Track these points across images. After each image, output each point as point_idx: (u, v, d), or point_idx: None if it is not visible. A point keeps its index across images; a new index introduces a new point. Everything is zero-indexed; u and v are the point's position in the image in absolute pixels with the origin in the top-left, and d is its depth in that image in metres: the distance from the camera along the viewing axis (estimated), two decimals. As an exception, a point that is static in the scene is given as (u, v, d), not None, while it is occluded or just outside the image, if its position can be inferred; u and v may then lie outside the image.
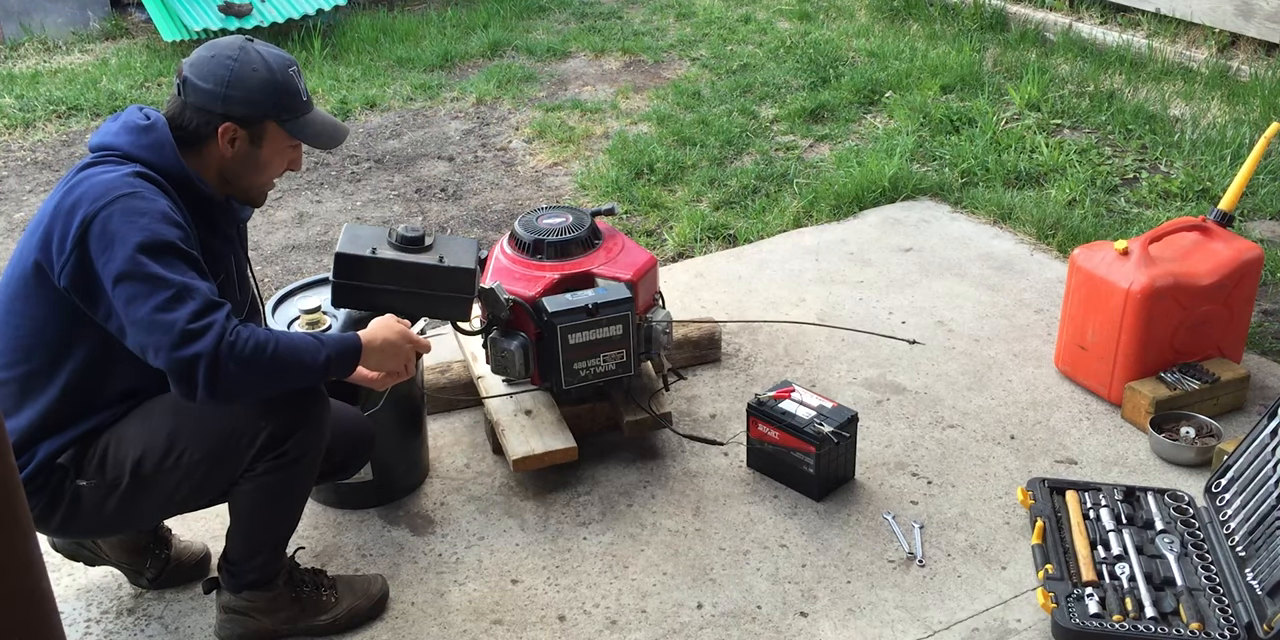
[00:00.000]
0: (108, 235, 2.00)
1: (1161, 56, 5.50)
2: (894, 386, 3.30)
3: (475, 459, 3.04)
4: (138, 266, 1.99)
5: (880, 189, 4.39)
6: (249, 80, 2.17)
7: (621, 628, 2.49)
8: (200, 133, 2.18)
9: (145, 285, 1.98)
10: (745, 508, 2.84)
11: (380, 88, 5.81)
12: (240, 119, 2.18)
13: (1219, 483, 2.70)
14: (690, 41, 6.45)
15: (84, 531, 2.37)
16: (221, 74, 2.16)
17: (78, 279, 2.03)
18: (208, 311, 2.00)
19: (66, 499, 2.17)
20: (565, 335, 2.76)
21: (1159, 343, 3.05)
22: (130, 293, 1.99)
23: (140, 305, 1.98)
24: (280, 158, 2.28)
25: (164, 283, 1.99)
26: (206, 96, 2.16)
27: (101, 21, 6.88)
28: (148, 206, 2.05)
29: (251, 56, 2.19)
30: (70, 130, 5.43)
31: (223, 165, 2.22)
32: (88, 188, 2.07)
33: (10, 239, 4.42)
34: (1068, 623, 2.38)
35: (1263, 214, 4.21)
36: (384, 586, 2.55)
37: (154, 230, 2.02)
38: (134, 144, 2.15)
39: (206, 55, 2.19)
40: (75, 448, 2.16)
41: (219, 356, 1.97)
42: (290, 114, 2.23)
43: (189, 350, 1.96)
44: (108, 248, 2.00)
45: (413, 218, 4.51)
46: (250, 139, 2.21)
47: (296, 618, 2.42)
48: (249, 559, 2.34)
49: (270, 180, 2.32)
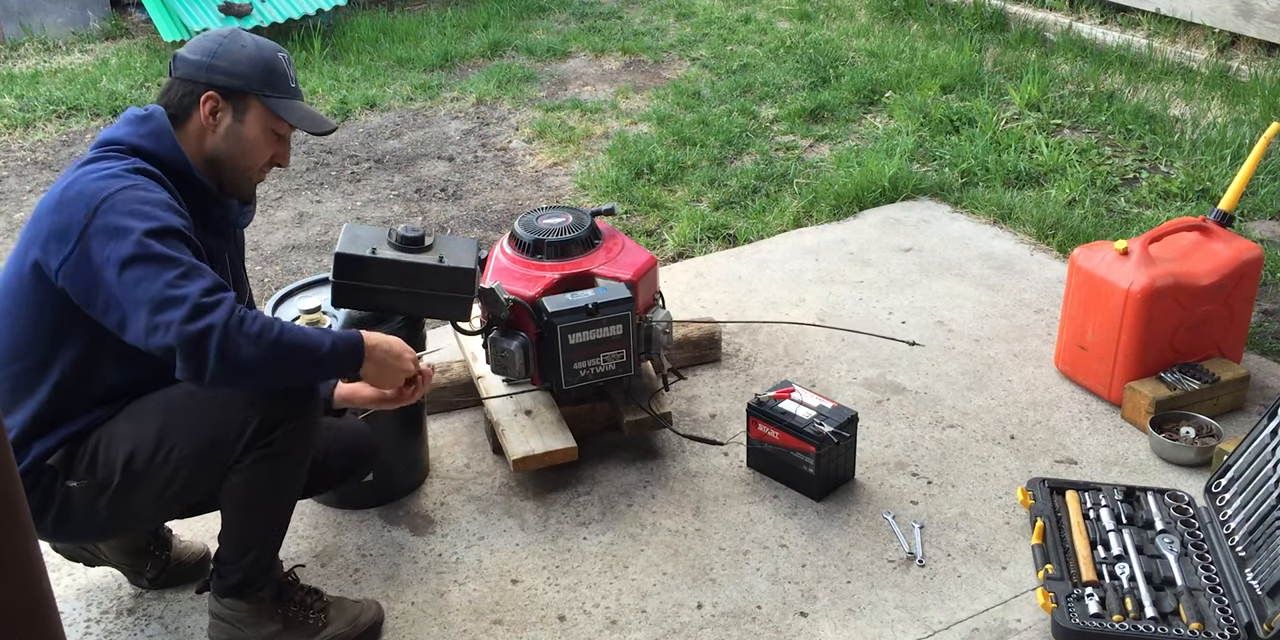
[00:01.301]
0: (112, 224, 2.01)
1: (1161, 56, 5.50)
2: (894, 386, 3.30)
3: (475, 459, 3.04)
4: (146, 248, 2.00)
5: (880, 189, 4.40)
6: (235, 53, 2.22)
7: (621, 628, 2.49)
8: (184, 103, 2.22)
9: (155, 265, 1.99)
10: (745, 508, 2.84)
11: (380, 88, 5.81)
12: (223, 88, 2.21)
13: (1219, 483, 2.70)
14: (690, 41, 6.45)
15: (76, 535, 2.36)
16: (209, 46, 2.23)
17: (79, 272, 2.03)
18: (218, 289, 2.03)
19: (57, 501, 2.15)
20: (565, 335, 2.76)
21: (1159, 343, 3.05)
22: (140, 274, 1.99)
23: (151, 283, 1.98)
24: (264, 140, 2.28)
25: (174, 262, 2.01)
26: (192, 66, 2.22)
27: (101, 21, 6.88)
28: (150, 196, 2.07)
29: (242, 36, 2.27)
30: (70, 130, 5.43)
31: (209, 145, 2.23)
32: (87, 183, 2.07)
33: (10, 239, 4.42)
34: (1068, 623, 2.38)
35: (1263, 214, 4.21)
36: (376, 615, 2.50)
37: (159, 217, 2.04)
38: (133, 133, 2.17)
39: (199, 36, 2.27)
40: (65, 448, 2.16)
41: (229, 330, 1.97)
42: (274, 91, 2.26)
43: (201, 322, 1.96)
44: (113, 236, 2.00)
45: (413, 218, 4.51)
46: (233, 112, 2.23)
47: (279, 635, 2.39)
48: (238, 559, 2.33)
49: (255, 166, 2.30)
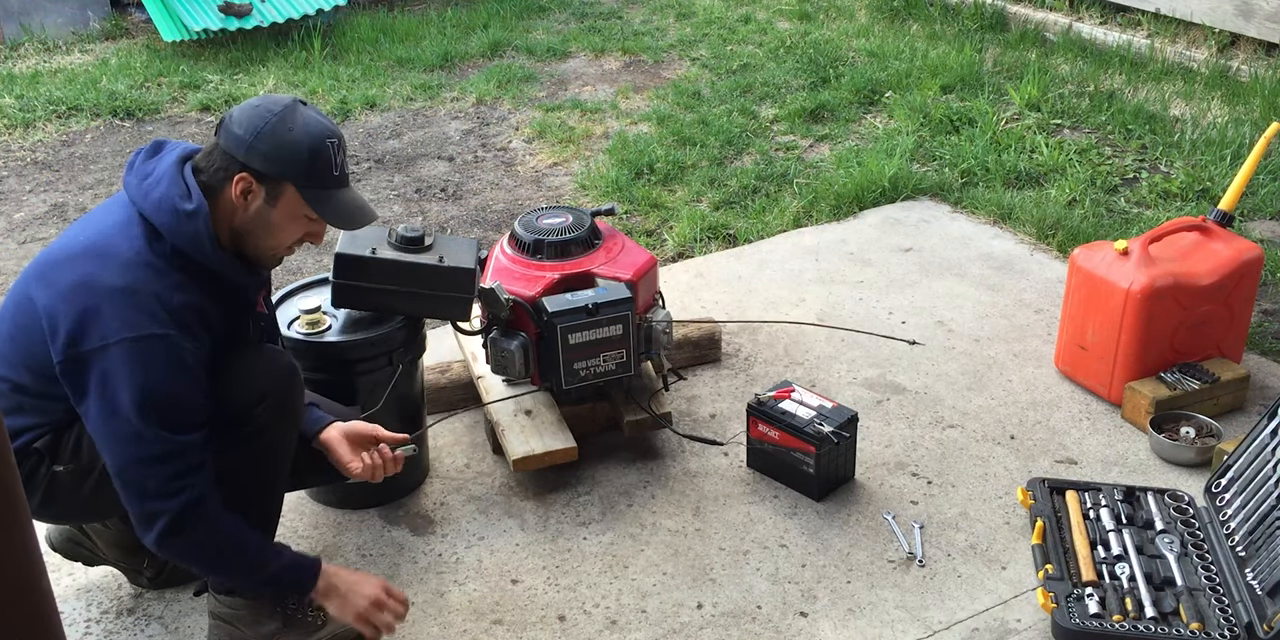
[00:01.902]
0: (111, 375, 2.01)
1: (1161, 56, 5.50)
2: (894, 386, 3.30)
3: (475, 459, 3.04)
4: (129, 420, 2.02)
5: (880, 189, 4.39)
6: (281, 137, 2.11)
7: (621, 628, 2.49)
8: (220, 177, 2.13)
9: (135, 437, 2.03)
10: (745, 508, 2.84)
11: (380, 88, 5.81)
12: (258, 173, 2.12)
13: (1219, 483, 2.70)
14: (690, 41, 6.45)
15: (60, 516, 2.37)
16: (256, 123, 2.12)
17: (69, 379, 2.06)
18: (188, 473, 2.06)
19: (42, 485, 2.17)
20: (565, 335, 2.76)
21: (1159, 343, 3.05)
22: (118, 434, 2.03)
23: (125, 449, 2.04)
24: (294, 225, 2.21)
25: (154, 439, 2.03)
26: (234, 142, 2.12)
27: (101, 21, 6.88)
28: (166, 355, 2.04)
29: (294, 116, 2.14)
30: (70, 130, 5.43)
31: (237, 221, 2.17)
32: (118, 300, 2.02)
33: (10, 239, 4.42)
34: (1068, 623, 2.38)
35: (1263, 214, 4.21)
36: None
37: (161, 385, 2.03)
38: (173, 230, 2.09)
39: (254, 103, 2.16)
40: (51, 434, 2.17)
41: (181, 524, 2.07)
42: (313, 182, 2.17)
43: (158, 507, 2.06)
44: (109, 383, 2.01)
45: (413, 218, 4.51)
46: (266, 196, 2.15)
47: (278, 634, 2.39)
48: None
49: (282, 246, 2.25)
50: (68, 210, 4.63)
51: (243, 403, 2.16)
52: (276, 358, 2.28)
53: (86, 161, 5.08)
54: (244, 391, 2.17)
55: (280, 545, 2.26)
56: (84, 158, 5.11)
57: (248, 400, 2.17)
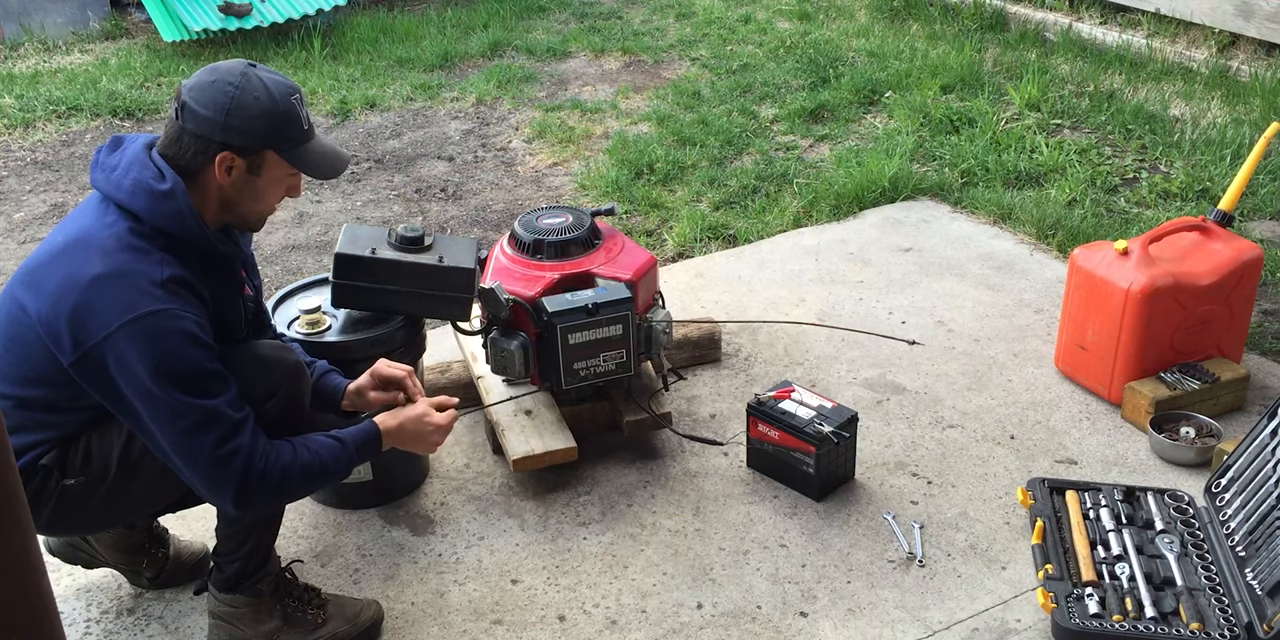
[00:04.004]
0: (124, 360, 2.00)
1: (1161, 56, 5.50)
2: (894, 386, 3.30)
3: (475, 459, 3.04)
4: (157, 396, 2.01)
5: (880, 189, 4.39)
6: (250, 108, 2.10)
7: (621, 628, 2.49)
8: (197, 160, 2.12)
9: (168, 410, 2.02)
10: (745, 508, 2.84)
11: (380, 88, 5.81)
12: (239, 148, 2.12)
13: (1219, 483, 2.70)
14: (690, 41, 6.45)
15: (73, 528, 2.37)
16: (221, 101, 2.09)
17: (91, 377, 2.05)
18: (232, 435, 2.06)
19: (53, 499, 2.15)
20: (565, 335, 2.76)
21: (1159, 343, 3.05)
22: (153, 415, 2.03)
23: (165, 426, 2.04)
24: (278, 186, 2.22)
25: (186, 408, 2.02)
26: (205, 124, 2.10)
27: (101, 21, 6.88)
28: (169, 327, 2.03)
29: (253, 83, 2.11)
30: (70, 130, 5.43)
31: (221, 194, 2.17)
32: (109, 288, 2.02)
33: (10, 239, 4.42)
34: (1068, 623, 2.38)
35: (1263, 214, 4.21)
36: (376, 614, 2.50)
37: (174, 356, 2.02)
38: (152, 211, 2.08)
39: (207, 80, 2.12)
40: (56, 449, 2.15)
41: (248, 484, 2.07)
42: (290, 143, 2.17)
43: (219, 477, 2.06)
44: (126, 368, 2.01)
45: (413, 218, 4.51)
46: (248, 168, 2.15)
47: (279, 632, 2.39)
48: (236, 548, 2.33)
49: (270, 208, 2.26)
50: (68, 210, 4.63)
51: (253, 398, 2.15)
52: (285, 355, 2.28)
53: (86, 161, 5.07)
54: (254, 386, 2.16)
55: (335, 434, 2.25)
56: (84, 158, 5.11)
57: (258, 396, 2.17)
